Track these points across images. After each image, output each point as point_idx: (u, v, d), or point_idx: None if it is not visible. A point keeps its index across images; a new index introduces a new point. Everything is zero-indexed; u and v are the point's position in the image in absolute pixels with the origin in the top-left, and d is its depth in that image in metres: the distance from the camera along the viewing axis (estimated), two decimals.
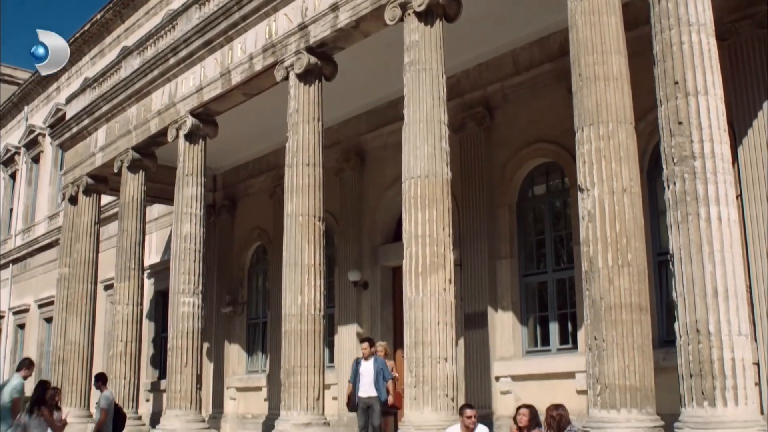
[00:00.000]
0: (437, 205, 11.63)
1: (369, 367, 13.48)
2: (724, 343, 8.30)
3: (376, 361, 13.52)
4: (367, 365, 13.51)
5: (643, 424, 9.13)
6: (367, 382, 13.36)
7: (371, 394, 13.32)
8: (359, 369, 13.57)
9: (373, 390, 13.31)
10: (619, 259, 9.43)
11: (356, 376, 13.56)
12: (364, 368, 13.51)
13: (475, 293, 15.75)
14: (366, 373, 13.44)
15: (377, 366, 13.44)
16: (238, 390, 21.81)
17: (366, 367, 13.51)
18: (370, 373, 13.42)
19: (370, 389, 13.32)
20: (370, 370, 13.44)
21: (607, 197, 9.59)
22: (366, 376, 13.42)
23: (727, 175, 8.81)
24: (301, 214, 13.89)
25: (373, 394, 13.31)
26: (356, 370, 13.62)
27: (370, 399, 13.32)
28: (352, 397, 13.67)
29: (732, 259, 8.55)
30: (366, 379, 13.40)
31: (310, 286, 13.66)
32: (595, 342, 9.47)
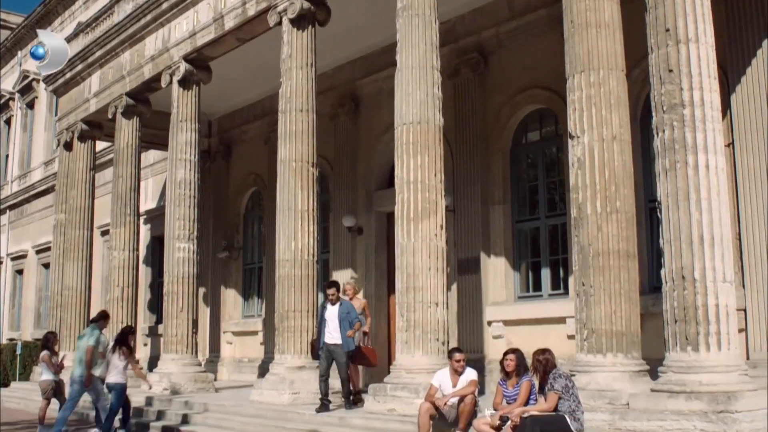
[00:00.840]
0: (429, 151, 11.66)
1: (334, 312, 12.71)
2: (709, 289, 8.40)
3: (342, 305, 12.79)
4: (333, 310, 12.74)
5: (628, 369, 9.30)
6: (332, 328, 12.65)
7: (336, 341, 12.57)
8: (324, 314, 12.82)
9: (337, 336, 12.58)
10: (607, 206, 9.52)
11: (322, 321, 12.83)
12: (329, 313, 12.74)
13: (468, 239, 15.86)
14: (331, 318, 12.69)
15: (342, 311, 12.70)
16: (235, 334, 22.06)
17: (331, 312, 12.73)
18: (334, 318, 12.68)
19: (334, 335, 12.59)
20: (335, 314, 12.68)
21: (596, 144, 9.64)
22: (331, 322, 12.68)
23: (716, 123, 8.83)
24: (294, 160, 13.92)
25: (337, 341, 12.56)
26: (322, 314, 12.91)
27: (334, 346, 12.57)
28: (315, 343, 13.01)
29: (719, 207, 8.61)
30: (331, 324, 12.68)
31: (303, 231, 13.74)
32: (583, 288, 9.60)
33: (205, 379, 16.73)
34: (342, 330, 12.53)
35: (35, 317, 31.36)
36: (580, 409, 8.85)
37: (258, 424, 12.56)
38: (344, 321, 12.57)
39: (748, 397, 8.13)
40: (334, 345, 12.52)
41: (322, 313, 12.88)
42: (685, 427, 8.12)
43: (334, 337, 12.53)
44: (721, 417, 7.94)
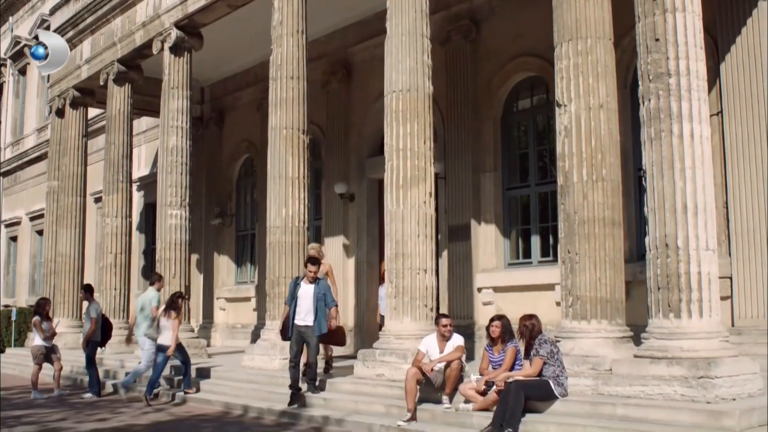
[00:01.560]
0: (419, 118, 11.70)
1: (309, 291, 11.60)
2: (692, 257, 8.50)
3: (318, 285, 11.68)
4: (308, 288, 11.62)
5: (612, 335, 9.43)
6: (305, 308, 11.52)
7: (308, 322, 11.47)
8: (297, 291, 11.66)
9: (310, 318, 11.48)
10: (593, 174, 9.59)
11: (293, 299, 11.67)
12: (303, 291, 11.61)
13: (458, 206, 15.95)
14: (305, 297, 11.56)
15: (319, 290, 11.61)
16: (228, 300, 22.21)
17: (306, 291, 11.61)
18: (309, 297, 11.56)
19: (306, 317, 11.49)
20: (310, 294, 11.58)
21: (583, 113, 9.68)
22: (304, 301, 11.54)
23: (701, 92, 8.87)
24: (285, 127, 13.93)
25: (309, 323, 11.48)
26: (293, 291, 11.74)
27: (306, 329, 11.49)
28: (286, 322, 11.76)
29: (702, 176, 8.68)
30: (304, 303, 11.54)
31: (294, 198, 13.79)
32: (569, 255, 9.70)
33: (197, 344, 16.86)
34: (319, 310, 11.52)
35: (30, 284, 31.49)
36: (564, 375, 9.00)
37: (249, 389, 12.72)
38: (320, 302, 11.54)
39: (728, 363, 8.26)
40: (306, 327, 11.46)
41: (293, 291, 11.71)
42: (666, 392, 8.25)
43: (306, 318, 11.48)
44: (701, 382, 8.07)
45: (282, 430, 10.50)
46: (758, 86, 11.99)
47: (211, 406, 12.67)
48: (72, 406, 13.43)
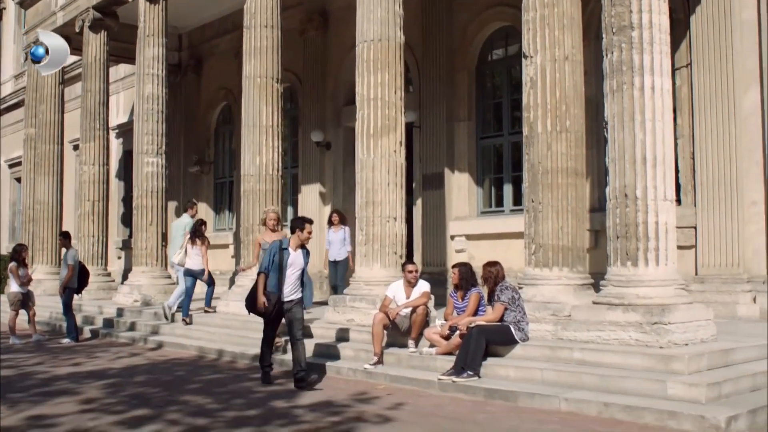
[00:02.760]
0: (389, 68, 11.81)
1: (299, 258, 9.67)
2: (650, 207, 8.71)
3: (305, 250, 9.82)
4: (297, 256, 9.66)
5: (573, 282, 9.70)
6: (293, 281, 9.62)
7: (294, 296, 9.60)
8: (285, 259, 9.52)
9: (297, 291, 9.66)
10: (557, 125, 9.77)
11: (277, 268, 9.53)
12: (293, 259, 9.59)
13: (432, 155, 16.14)
14: (295, 267, 9.63)
15: (306, 258, 9.82)
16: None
17: (296, 259, 9.63)
18: (299, 266, 9.68)
19: (294, 290, 9.61)
20: (300, 262, 9.69)
21: (549, 64, 9.82)
22: (294, 272, 9.62)
23: (663, 45, 8.99)
24: (259, 76, 14.02)
25: (296, 296, 9.64)
26: (277, 259, 9.53)
27: (291, 304, 9.60)
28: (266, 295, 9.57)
29: (662, 128, 8.84)
30: (294, 275, 9.62)
31: (268, 146, 13.93)
32: (532, 204, 9.92)
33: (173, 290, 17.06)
34: (307, 283, 9.95)
35: (10, 231, 31.52)
36: (525, 320, 9.28)
37: (223, 334, 12.98)
38: (304, 273, 9.83)
39: (681, 309, 8.53)
40: (291, 303, 9.59)
41: (280, 259, 9.52)
42: (622, 338, 8.54)
43: (293, 293, 9.60)
44: (654, 328, 8.35)
45: (254, 373, 10.72)
46: (726, 39, 12.13)
47: (186, 351, 12.94)
48: (50, 351, 13.65)
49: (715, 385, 7.48)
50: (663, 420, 7.09)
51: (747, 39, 12.03)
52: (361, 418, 7.73)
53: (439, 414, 7.88)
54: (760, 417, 7.19)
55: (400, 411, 8.05)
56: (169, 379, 10.41)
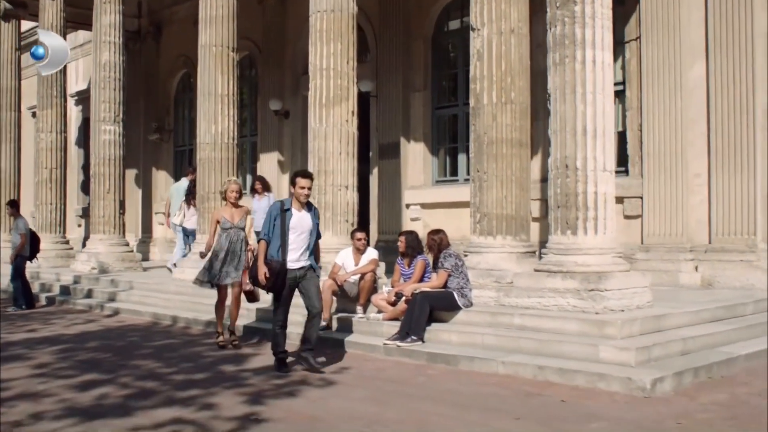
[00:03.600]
0: (342, 39, 11.91)
1: (306, 220, 8.47)
2: (589, 178, 8.95)
3: (314, 211, 8.71)
4: (303, 217, 8.47)
5: (516, 250, 9.96)
6: (301, 244, 8.42)
7: (303, 263, 8.44)
8: (287, 221, 8.34)
9: (306, 256, 8.48)
10: (503, 97, 9.97)
11: (283, 234, 8.31)
12: (298, 220, 8.41)
13: (389, 124, 16.32)
14: (301, 229, 8.43)
15: (315, 219, 8.64)
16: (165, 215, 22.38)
17: (301, 220, 8.44)
18: (306, 229, 8.47)
19: (302, 256, 8.45)
20: (308, 224, 8.48)
21: (495, 37, 10.00)
22: (301, 235, 8.42)
23: (605, 20, 9.18)
24: (214, 45, 14.08)
25: (305, 262, 8.48)
26: (278, 222, 8.36)
27: (303, 271, 8.45)
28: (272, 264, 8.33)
29: (603, 101, 9.05)
30: (300, 238, 8.42)
31: (223, 115, 14.03)
32: (477, 174, 10.15)
33: (132, 258, 17.19)
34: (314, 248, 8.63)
35: None
36: (468, 287, 9.54)
37: (177, 300, 13.14)
38: (313, 235, 8.60)
39: (618, 277, 8.82)
40: (302, 269, 8.43)
41: (283, 222, 8.34)
42: (560, 304, 8.82)
43: (301, 258, 8.43)
44: (591, 295, 8.64)
45: (208, 339, 10.92)
46: (674, 13, 12.39)
47: (141, 317, 13.10)
48: (6, 318, 13.73)
49: (644, 349, 7.79)
50: (593, 382, 7.39)
51: (694, 13, 12.30)
52: (305, 381, 7.96)
53: (381, 377, 8.14)
54: (686, 379, 7.52)
55: (344, 374, 8.31)
56: (122, 345, 10.57)
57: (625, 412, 6.61)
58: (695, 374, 7.66)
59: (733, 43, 11.86)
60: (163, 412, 6.68)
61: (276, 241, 8.37)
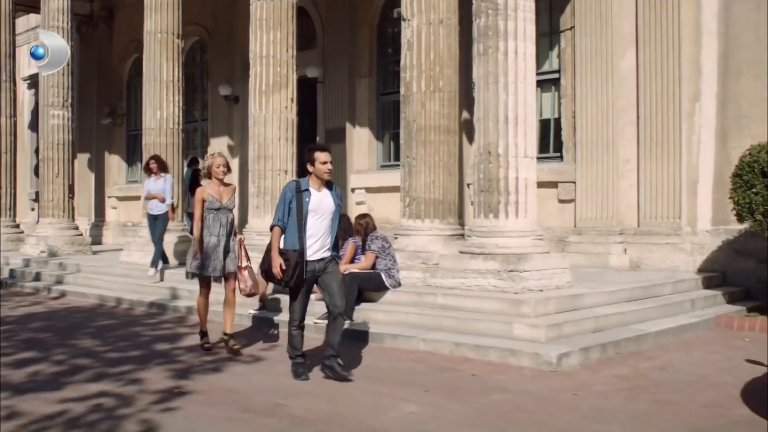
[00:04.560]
0: (282, 27, 12.20)
1: (327, 201, 7.28)
2: (510, 163, 9.35)
3: (335, 191, 7.47)
4: (323, 198, 7.27)
5: (443, 233, 10.37)
6: (322, 231, 7.24)
7: (325, 253, 7.29)
8: (305, 204, 7.15)
9: (327, 247, 7.31)
10: (431, 85, 10.34)
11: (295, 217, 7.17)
12: (318, 202, 7.21)
13: (335, 110, 16.68)
14: (323, 213, 7.23)
15: (336, 198, 7.42)
16: (119, 199, 22.59)
17: (322, 201, 7.25)
18: (328, 212, 7.26)
19: (325, 245, 7.28)
20: (330, 206, 7.28)
21: (424, 27, 10.36)
22: (322, 220, 7.23)
23: (527, 12, 9.55)
24: (159, 32, 14.27)
25: (327, 253, 7.31)
26: (294, 205, 7.18)
27: (324, 264, 7.27)
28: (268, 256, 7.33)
29: (525, 90, 9.44)
30: (322, 224, 7.23)
31: (168, 101, 14.25)
32: (407, 159, 10.53)
33: (81, 242, 17.38)
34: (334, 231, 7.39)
35: None
36: (396, 268, 9.93)
37: (123, 282, 13.41)
38: (336, 219, 7.43)
39: (537, 258, 9.25)
40: (324, 262, 7.27)
41: (300, 204, 7.17)
42: (482, 284, 9.23)
43: (324, 248, 7.28)
44: (511, 275, 9.05)
45: (149, 319, 11.23)
46: (606, 3, 12.82)
47: (87, 299, 13.34)
48: None
49: (555, 326, 8.23)
50: (505, 357, 7.81)
51: (625, 4, 12.74)
52: (233, 358, 8.32)
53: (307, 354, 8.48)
54: (594, 354, 7.97)
55: (273, 351, 8.68)
56: (64, 326, 10.83)
57: (529, 384, 7.03)
58: (603, 350, 8.11)
59: (661, 34, 12.31)
60: (92, 387, 6.99)
61: (292, 227, 7.17)
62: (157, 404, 6.34)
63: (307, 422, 5.91)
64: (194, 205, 8.90)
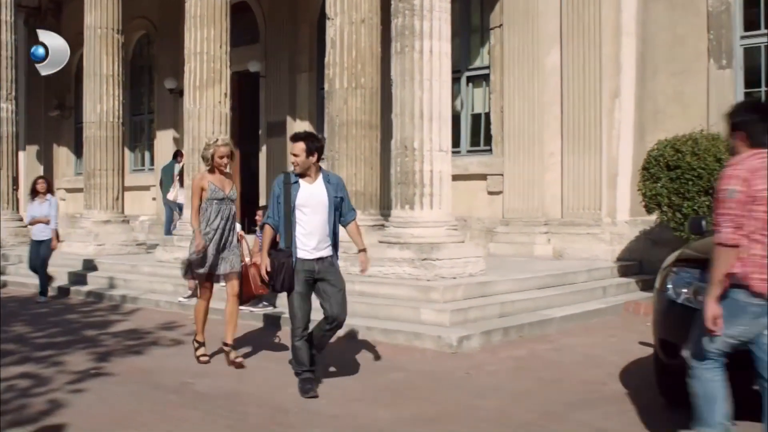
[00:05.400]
0: (216, 24, 12.60)
1: (320, 193, 6.57)
2: (425, 157, 9.81)
3: (330, 180, 6.73)
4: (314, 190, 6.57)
5: (364, 223, 10.69)
6: (318, 228, 6.55)
7: (323, 252, 6.61)
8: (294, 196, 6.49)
9: (326, 244, 6.66)
10: (353, 82, 10.77)
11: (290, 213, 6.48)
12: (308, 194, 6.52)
13: (276, 103, 17.06)
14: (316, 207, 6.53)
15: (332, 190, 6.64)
16: (68, 191, 22.77)
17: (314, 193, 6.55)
18: (323, 205, 6.56)
19: (321, 243, 6.59)
20: (322, 200, 6.57)
21: (347, 26, 10.79)
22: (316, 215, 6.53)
23: (443, 13, 10.01)
24: (99, 27, 14.60)
25: (326, 252, 6.65)
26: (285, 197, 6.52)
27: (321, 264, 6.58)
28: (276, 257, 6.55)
29: (439, 87, 9.90)
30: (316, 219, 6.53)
31: (108, 95, 14.56)
32: (331, 153, 10.96)
33: (26, 233, 17.56)
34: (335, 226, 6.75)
35: None
36: None
37: (63, 273, 13.70)
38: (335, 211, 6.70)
39: (450, 248, 9.73)
40: (321, 261, 6.59)
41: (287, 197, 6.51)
42: (398, 272, 9.70)
43: (320, 246, 6.59)
44: (424, 264, 9.52)
45: (84, 307, 11.58)
46: (533, 2, 13.32)
47: (27, 289, 13.62)
48: None
49: (461, 311, 8.72)
50: (411, 340, 8.29)
51: (550, 4, 13.25)
52: (156, 342, 8.73)
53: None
54: (495, 337, 8.48)
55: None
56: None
57: (428, 365, 7.53)
58: (505, 333, 8.62)
59: (583, 34, 12.84)
60: (14, 369, 7.36)
61: (284, 224, 6.51)
62: (71, 384, 6.75)
63: (208, 397, 6.36)
64: (192, 195, 7.89)
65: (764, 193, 4.28)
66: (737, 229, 4.27)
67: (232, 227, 7.77)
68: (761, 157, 4.37)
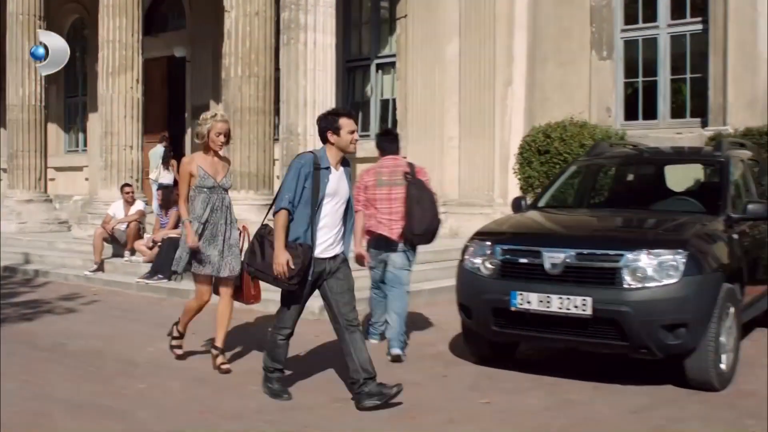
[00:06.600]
0: (128, 14, 13.32)
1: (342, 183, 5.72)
2: (309, 142, 10.60)
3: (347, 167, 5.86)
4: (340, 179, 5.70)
5: (257, 202, 11.58)
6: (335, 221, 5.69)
7: (337, 249, 5.75)
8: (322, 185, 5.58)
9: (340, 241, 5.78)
10: (247, 71, 11.51)
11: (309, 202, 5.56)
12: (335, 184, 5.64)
13: (201, 87, 17.78)
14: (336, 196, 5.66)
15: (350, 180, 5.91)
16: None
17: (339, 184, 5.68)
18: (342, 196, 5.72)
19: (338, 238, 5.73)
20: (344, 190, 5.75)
21: (242, 19, 11.51)
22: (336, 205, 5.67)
23: (327, 8, 10.82)
24: (21, 13, 15.21)
25: (339, 249, 5.77)
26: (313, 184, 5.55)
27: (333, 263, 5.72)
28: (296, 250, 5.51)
29: (324, 77, 10.73)
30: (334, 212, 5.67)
31: (30, 79, 15.20)
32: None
33: None
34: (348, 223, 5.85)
35: None
36: None
37: None
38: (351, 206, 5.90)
39: None
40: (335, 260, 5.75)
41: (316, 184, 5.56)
42: None
43: (335, 242, 5.72)
44: None
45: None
46: None
47: None
48: None
49: None
50: None
51: None
52: (52, 311, 9.50)
53: (119, 307, 9.72)
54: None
55: (91, 306, 9.88)
56: None
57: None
58: None
59: (479, 25, 13.64)
60: None
61: (303, 214, 5.56)
62: None
63: (75, 355, 7.19)
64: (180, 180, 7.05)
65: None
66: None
67: (228, 220, 6.94)
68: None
